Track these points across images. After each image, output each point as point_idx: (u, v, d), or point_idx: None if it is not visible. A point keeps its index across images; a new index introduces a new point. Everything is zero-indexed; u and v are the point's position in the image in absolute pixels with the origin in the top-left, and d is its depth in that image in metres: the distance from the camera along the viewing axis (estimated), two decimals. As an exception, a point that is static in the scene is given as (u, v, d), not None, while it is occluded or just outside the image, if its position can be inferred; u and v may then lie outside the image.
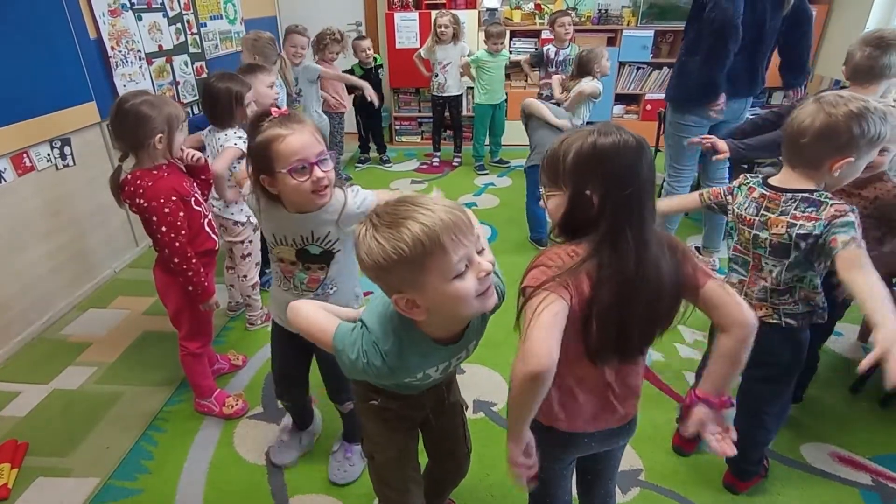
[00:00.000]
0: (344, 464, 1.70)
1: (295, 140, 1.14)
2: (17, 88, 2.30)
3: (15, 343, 2.35)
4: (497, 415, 1.93)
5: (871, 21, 3.88)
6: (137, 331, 2.45)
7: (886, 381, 0.94)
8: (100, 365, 2.23)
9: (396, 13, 4.62)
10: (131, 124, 1.56)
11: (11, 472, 1.71)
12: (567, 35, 3.82)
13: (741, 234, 1.38)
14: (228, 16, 3.95)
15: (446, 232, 0.79)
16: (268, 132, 1.15)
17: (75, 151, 2.63)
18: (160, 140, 1.59)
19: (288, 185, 1.17)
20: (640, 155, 0.89)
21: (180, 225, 1.60)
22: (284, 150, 1.13)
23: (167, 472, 1.73)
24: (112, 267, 2.95)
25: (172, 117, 1.61)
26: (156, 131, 1.57)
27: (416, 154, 4.85)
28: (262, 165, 1.17)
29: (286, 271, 1.39)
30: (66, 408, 2.01)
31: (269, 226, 1.33)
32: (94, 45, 2.72)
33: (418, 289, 0.83)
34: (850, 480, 1.67)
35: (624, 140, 0.88)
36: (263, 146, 1.14)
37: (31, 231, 2.43)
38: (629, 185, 0.87)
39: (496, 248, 3.13)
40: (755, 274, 1.38)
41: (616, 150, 0.88)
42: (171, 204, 1.58)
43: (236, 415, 1.93)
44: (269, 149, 1.14)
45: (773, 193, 1.30)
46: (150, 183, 1.58)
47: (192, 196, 1.69)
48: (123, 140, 1.62)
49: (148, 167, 1.62)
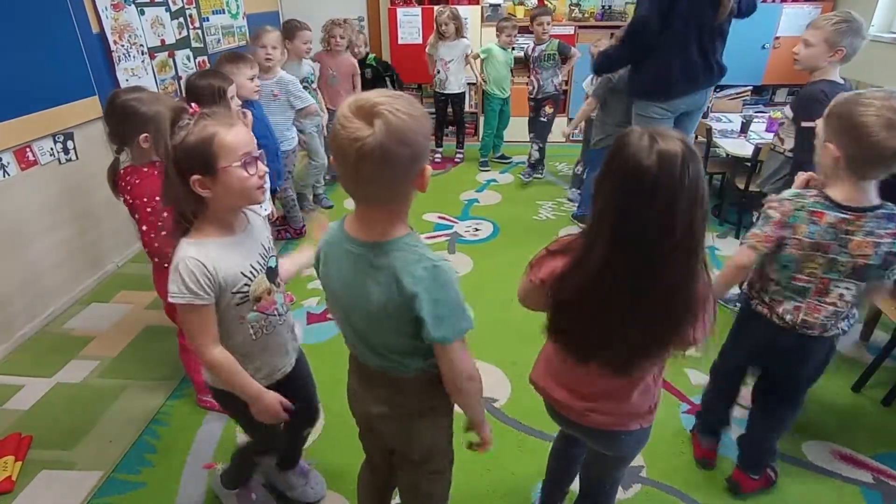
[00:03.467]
0: (309, 482, 1.63)
1: (240, 133, 1.10)
2: (20, 83, 2.29)
3: (18, 337, 2.36)
4: (499, 411, 1.94)
5: (875, 20, 3.86)
6: (140, 325, 2.45)
7: None
8: (103, 359, 2.23)
9: (399, 9, 4.61)
10: (117, 120, 1.55)
11: (15, 464, 1.72)
12: (545, 34, 3.86)
13: (811, 261, 1.28)
14: (231, 10, 3.94)
15: None
16: (202, 129, 1.06)
17: (78, 146, 2.62)
18: (145, 140, 1.55)
19: (234, 180, 1.08)
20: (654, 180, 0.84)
21: (161, 225, 1.56)
22: (232, 144, 1.07)
23: (170, 466, 1.74)
24: (115, 261, 2.95)
25: (161, 117, 1.53)
26: (140, 130, 1.54)
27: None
28: (197, 164, 1.06)
29: (266, 308, 1.22)
30: (69, 401, 2.02)
31: (232, 265, 1.13)
32: (97, 39, 2.71)
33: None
34: (851, 478, 1.68)
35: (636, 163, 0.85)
36: (202, 142, 1.05)
37: (34, 225, 2.44)
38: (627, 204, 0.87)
39: (498, 244, 3.14)
40: (817, 300, 1.32)
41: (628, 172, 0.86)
42: (154, 203, 1.55)
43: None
44: (210, 144, 1.06)
45: (854, 214, 1.22)
46: (137, 181, 1.57)
47: None
48: (112, 136, 1.61)
49: (138, 164, 1.60)
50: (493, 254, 3.00)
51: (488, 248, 3.09)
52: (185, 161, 1.06)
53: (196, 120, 1.08)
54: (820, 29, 1.93)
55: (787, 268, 1.33)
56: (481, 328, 2.38)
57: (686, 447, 1.79)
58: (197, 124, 1.07)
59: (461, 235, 3.25)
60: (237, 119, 1.13)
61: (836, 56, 1.93)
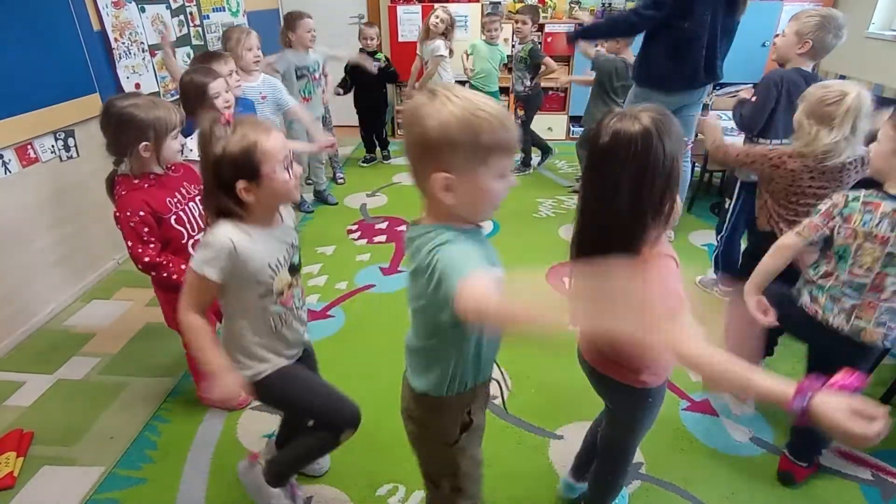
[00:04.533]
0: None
1: (278, 138, 1.14)
2: (21, 80, 2.30)
3: (19, 333, 2.36)
4: (498, 408, 1.94)
5: (875, 18, 3.86)
6: (141, 322, 2.46)
7: None
8: (103, 356, 2.24)
9: (399, 6, 4.61)
10: (114, 129, 1.48)
11: (17, 460, 1.72)
12: (520, 33, 3.90)
13: (866, 253, 1.29)
14: (231, 8, 3.94)
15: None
16: (242, 138, 1.10)
17: (79, 143, 2.63)
18: (146, 148, 1.49)
19: (277, 184, 1.14)
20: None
21: (147, 240, 1.53)
22: (273, 150, 1.12)
23: (171, 462, 1.74)
24: (115, 258, 2.96)
25: (161, 123, 1.49)
26: (140, 139, 1.48)
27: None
28: (242, 172, 1.10)
29: (286, 301, 1.27)
30: (70, 398, 2.02)
31: (260, 258, 1.18)
32: (98, 36, 2.71)
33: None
34: (850, 475, 1.68)
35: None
36: (246, 151, 1.09)
37: (35, 222, 2.44)
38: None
39: (498, 241, 3.14)
40: (873, 295, 1.32)
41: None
42: (137, 218, 1.50)
43: (238, 406, 1.94)
44: (254, 151, 1.10)
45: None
46: (123, 192, 1.52)
47: (172, 214, 1.57)
48: (109, 147, 1.53)
49: (131, 174, 1.54)
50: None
51: (488, 245, 3.09)
52: (229, 170, 1.11)
53: (234, 129, 1.11)
54: (796, 20, 2.01)
55: (844, 259, 1.34)
56: (481, 325, 2.39)
57: (685, 444, 1.79)
58: (235, 133, 1.10)
59: (461, 233, 3.26)
60: (264, 122, 1.17)
61: (803, 48, 1.98)
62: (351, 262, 2.98)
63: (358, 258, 3.01)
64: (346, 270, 2.88)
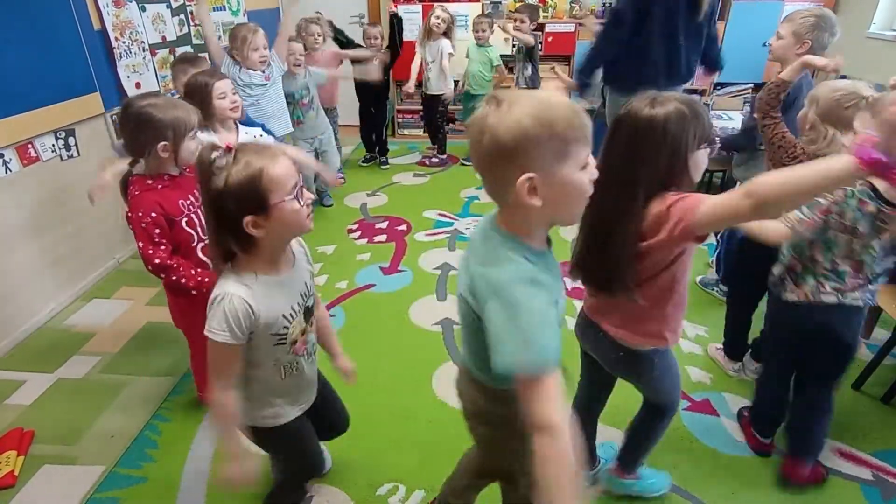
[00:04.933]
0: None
1: (286, 163, 1.03)
2: (22, 79, 2.30)
3: (20, 332, 2.36)
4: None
5: (876, 18, 3.86)
6: (141, 321, 2.46)
7: None
8: (104, 355, 2.24)
9: (400, 6, 4.59)
10: (132, 128, 1.46)
11: (18, 459, 1.73)
12: (516, 31, 3.93)
13: (849, 244, 1.37)
14: (231, 7, 3.94)
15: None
16: (246, 167, 0.98)
17: (80, 142, 2.63)
18: (164, 148, 1.46)
19: (287, 214, 1.02)
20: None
21: (158, 241, 1.49)
22: (281, 177, 1.00)
23: (171, 461, 1.75)
24: (115, 258, 2.96)
25: (180, 123, 1.46)
26: (158, 138, 1.45)
27: (419, 147, 4.84)
28: (249, 205, 0.99)
29: (299, 349, 1.20)
30: (71, 397, 2.02)
31: (274, 307, 1.09)
32: (98, 35, 2.71)
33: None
34: (851, 475, 1.68)
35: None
36: (251, 181, 0.97)
37: (36, 221, 2.44)
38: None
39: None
40: (855, 276, 1.40)
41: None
42: (149, 219, 1.46)
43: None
44: (259, 181, 0.97)
45: (892, 209, 1.29)
46: (136, 192, 1.49)
47: (183, 216, 1.54)
48: (128, 147, 1.52)
49: (146, 174, 1.51)
50: (494, 251, 3.00)
51: (489, 245, 3.09)
52: (234, 203, 0.98)
53: (235, 157, 0.99)
54: (791, 22, 2.04)
55: (831, 250, 1.40)
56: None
57: (686, 444, 1.79)
58: (238, 162, 0.98)
59: (461, 232, 3.26)
60: (270, 146, 1.06)
61: (802, 48, 2.01)
62: (351, 261, 2.98)
63: (358, 257, 3.01)
64: (347, 270, 2.88)
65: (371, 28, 3.96)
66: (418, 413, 1.92)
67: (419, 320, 2.41)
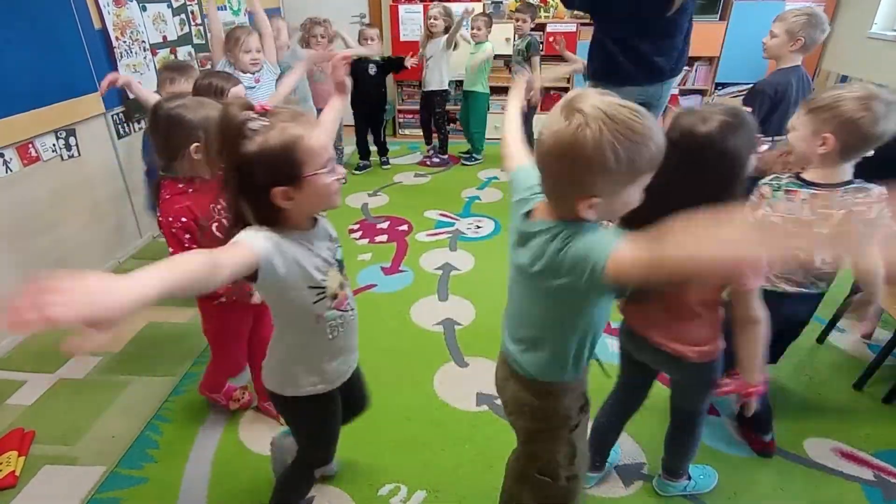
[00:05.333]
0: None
1: (322, 135, 0.97)
2: (23, 79, 2.29)
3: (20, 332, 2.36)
4: (501, 408, 1.94)
5: (878, 18, 3.85)
6: (142, 321, 2.46)
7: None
8: (105, 355, 2.24)
9: (401, 5, 4.60)
10: (164, 131, 1.42)
11: (19, 459, 1.72)
12: (520, 31, 3.96)
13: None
14: (232, 7, 3.94)
15: None
16: (282, 132, 0.92)
17: (81, 142, 2.63)
18: (196, 150, 1.41)
19: (319, 188, 0.97)
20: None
21: (188, 247, 1.44)
22: (318, 148, 0.94)
23: (173, 461, 1.74)
24: (116, 258, 2.95)
25: (211, 122, 1.36)
26: (190, 139, 1.40)
27: (420, 147, 4.84)
28: (280, 174, 0.93)
29: (341, 304, 1.15)
30: (72, 397, 2.02)
31: (308, 257, 1.04)
32: (99, 35, 2.71)
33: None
34: (852, 476, 1.68)
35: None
36: (285, 148, 0.92)
37: (36, 221, 2.44)
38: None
39: (499, 241, 3.14)
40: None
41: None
42: (179, 224, 1.42)
43: (242, 408, 1.93)
44: (295, 150, 0.92)
45: (826, 190, 1.35)
46: (167, 196, 1.44)
47: (214, 221, 1.46)
48: (159, 150, 1.46)
49: (176, 177, 1.45)
50: (495, 251, 3.00)
51: (490, 245, 3.09)
52: (265, 171, 0.92)
53: (271, 121, 0.93)
54: (783, 20, 2.14)
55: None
56: (482, 325, 2.39)
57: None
58: (274, 127, 0.92)
59: (463, 233, 3.26)
60: (313, 118, 1.02)
61: (795, 45, 2.12)
62: (352, 261, 2.97)
63: (359, 258, 3.01)
64: (348, 270, 2.83)
65: (368, 29, 3.91)
66: (419, 414, 1.92)
67: (420, 321, 2.41)
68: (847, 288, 2.12)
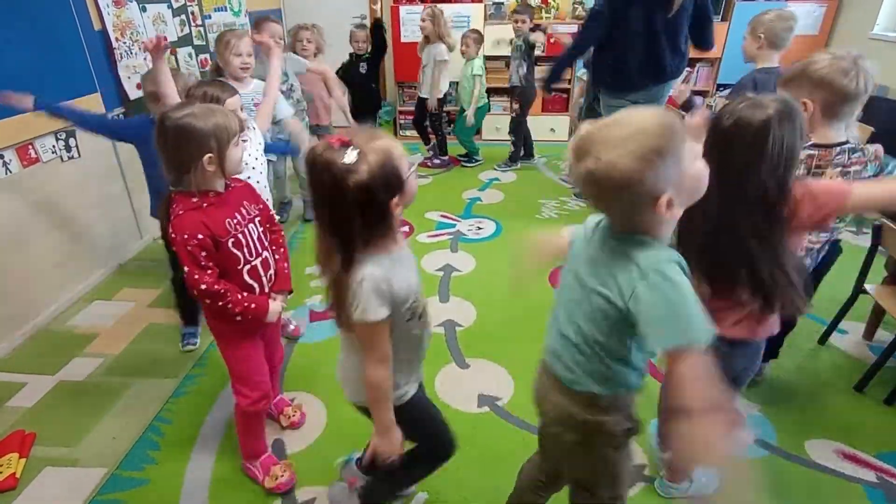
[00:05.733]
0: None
1: (393, 140, 1.04)
2: (22, 80, 2.28)
3: (21, 334, 2.36)
4: (502, 409, 1.94)
5: (880, 19, 3.85)
6: (143, 322, 2.46)
7: None
8: (106, 356, 2.24)
9: (402, 6, 4.60)
10: (173, 144, 1.32)
11: (19, 461, 1.72)
12: (519, 32, 4.00)
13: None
14: (233, 8, 3.94)
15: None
16: (377, 150, 0.97)
17: (80, 143, 2.62)
18: (210, 161, 1.33)
19: (414, 185, 1.06)
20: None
21: (205, 265, 1.36)
22: (402, 153, 1.02)
23: (174, 463, 1.74)
24: (118, 259, 2.95)
25: (222, 129, 1.34)
26: (202, 150, 1.32)
27: (420, 149, 4.83)
28: (392, 185, 1.00)
29: (427, 324, 1.22)
30: (72, 398, 2.02)
31: (403, 279, 1.09)
32: (99, 36, 2.71)
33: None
34: (854, 477, 1.68)
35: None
36: (388, 163, 0.98)
37: (37, 223, 2.44)
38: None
39: (501, 243, 3.14)
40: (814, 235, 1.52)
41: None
42: (195, 241, 1.33)
43: (279, 489, 1.63)
44: (392, 161, 0.99)
45: (824, 150, 1.41)
46: (180, 211, 1.34)
47: (230, 237, 1.39)
48: (169, 164, 1.35)
49: (188, 191, 1.35)
50: (496, 252, 3.00)
51: (491, 246, 3.09)
52: (383, 190, 0.98)
53: (357, 145, 0.97)
54: (750, 23, 2.26)
55: None
56: (483, 326, 2.38)
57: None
58: (366, 152, 0.97)
59: (464, 234, 3.25)
60: (372, 130, 1.07)
61: (761, 44, 2.21)
62: (353, 262, 2.97)
63: (360, 259, 3.00)
64: (348, 271, 2.86)
65: (358, 31, 3.83)
66: (421, 415, 1.92)
67: (421, 322, 2.40)
68: (847, 288, 2.12)
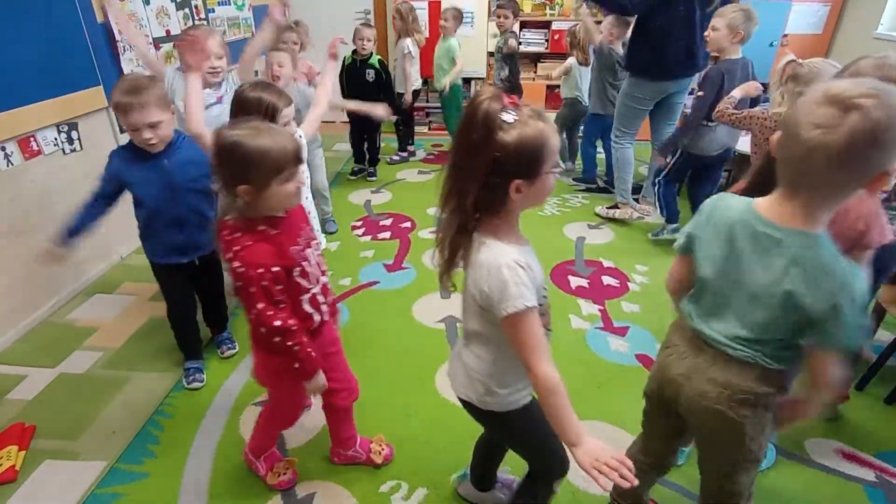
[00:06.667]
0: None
1: (557, 135, 1.00)
2: (24, 72, 2.28)
3: (22, 327, 2.36)
4: (502, 406, 1.94)
5: (884, 19, 3.84)
6: (144, 316, 2.46)
7: None
8: (106, 350, 2.24)
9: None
10: (240, 168, 1.17)
11: (19, 454, 1.72)
12: (502, 27, 3.92)
13: None
14: (236, 2, 3.92)
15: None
16: (534, 127, 0.93)
17: (82, 136, 2.62)
18: (280, 183, 1.20)
19: (546, 188, 0.99)
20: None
21: (279, 299, 1.24)
22: (556, 147, 0.97)
23: (173, 457, 1.74)
24: (118, 252, 2.95)
25: (285, 153, 1.21)
26: (272, 173, 1.18)
27: (423, 144, 4.83)
28: (524, 167, 0.94)
29: (548, 323, 1.17)
30: (72, 392, 2.02)
31: (538, 273, 1.05)
32: (102, 29, 2.70)
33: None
34: (854, 476, 1.68)
35: None
36: (536, 142, 0.93)
37: (38, 215, 2.43)
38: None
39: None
40: None
41: None
42: (269, 275, 1.20)
43: (279, 487, 1.62)
44: (543, 146, 0.94)
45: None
46: (249, 243, 1.20)
47: (298, 265, 1.28)
48: (232, 188, 1.19)
49: (250, 216, 1.21)
50: (497, 249, 2.99)
51: (492, 243, 3.08)
52: (515, 162, 0.93)
53: (520, 115, 0.93)
54: (723, 16, 2.47)
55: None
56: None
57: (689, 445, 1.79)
58: (526, 122, 0.93)
59: (465, 230, 3.24)
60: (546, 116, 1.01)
61: (736, 38, 2.48)
62: (355, 258, 2.97)
63: (362, 254, 3.01)
64: (350, 267, 2.87)
65: (364, 28, 3.65)
66: (421, 411, 1.92)
67: (422, 318, 2.40)
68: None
